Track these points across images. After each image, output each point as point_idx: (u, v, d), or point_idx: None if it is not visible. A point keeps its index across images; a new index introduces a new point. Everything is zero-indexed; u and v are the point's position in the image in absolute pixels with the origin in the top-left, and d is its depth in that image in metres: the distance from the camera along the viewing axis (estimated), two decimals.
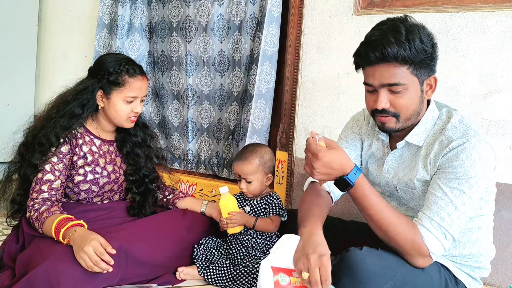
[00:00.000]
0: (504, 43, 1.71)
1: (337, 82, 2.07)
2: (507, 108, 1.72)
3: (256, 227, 1.65)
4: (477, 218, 1.24)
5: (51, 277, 1.26)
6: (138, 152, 1.74)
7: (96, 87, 1.58)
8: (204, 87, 2.46)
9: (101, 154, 1.66)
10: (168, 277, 1.57)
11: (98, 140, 1.66)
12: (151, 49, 2.65)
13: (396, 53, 1.11)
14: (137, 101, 1.62)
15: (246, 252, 1.62)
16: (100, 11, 2.66)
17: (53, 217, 1.42)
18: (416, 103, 1.19)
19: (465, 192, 1.12)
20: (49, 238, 1.41)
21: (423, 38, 1.12)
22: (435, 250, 1.13)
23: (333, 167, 1.14)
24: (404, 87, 1.15)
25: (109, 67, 1.57)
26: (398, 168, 1.31)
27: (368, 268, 1.09)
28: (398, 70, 1.14)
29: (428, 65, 1.17)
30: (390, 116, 1.20)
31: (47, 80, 3.19)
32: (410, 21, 1.15)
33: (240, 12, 2.32)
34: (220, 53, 2.40)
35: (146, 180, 1.74)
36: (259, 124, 2.24)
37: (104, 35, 2.69)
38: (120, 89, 1.58)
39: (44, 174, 1.52)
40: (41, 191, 1.51)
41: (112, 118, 1.62)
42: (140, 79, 1.61)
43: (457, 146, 1.15)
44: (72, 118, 1.57)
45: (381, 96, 1.18)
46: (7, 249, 1.52)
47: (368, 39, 1.18)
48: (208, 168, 2.51)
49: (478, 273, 1.28)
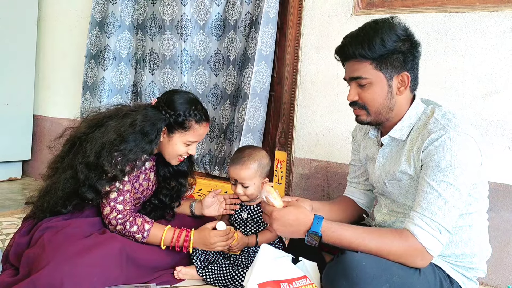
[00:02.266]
0: (503, 44, 1.71)
1: (336, 82, 2.07)
2: (506, 108, 1.72)
3: (259, 244, 1.63)
4: (466, 215, 1.23)
5: (54, 278, 1.27)
6: (182, 181, 1.78)
7: (163, 125, 1.57)
8: (199, 85, 2.46)
9: (143, 170, 1.65)
10: (167, 277, 1.57)
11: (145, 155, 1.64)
12: (140, 47, 2.65)
13: (353, 51, 1.23)
14: (194, 145, 1.64)
15: (246, 252, 1.62)
16: (93, 9, 2.66)
17: (155, 229, 1.55)
18: (383, 98, 1.26)
19: (452, 184, 1.13)
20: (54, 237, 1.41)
21: (384, 36, 1.20)
22: (431, 247, 1.13)
23: (290, 224, 1.20)
24: (368, 81, 1.25)
25: (180, 109, 1.57)
26: (385, 163, 1.35)
27: (364, 270, 1.09)
28: (360, 66, 1.24)
29: (395, 61, 1.23)
30: (360, 108, 1.30)
31: (46, 79, 3.19)
32: (386, 21, 1.23)
33: (235, 11, 2.32)
34: (216, 52, 2.40)
35: (172, 206, 1.79)
36: (254, 123, 2.25)
37: (95, 33, 2.69)
38: (184, 133, 1.59)
39: (124, 185, 1.54)
40: (125, 202, 1.54)
41: (165, 154, 1.63)
42: (205, 126, 1.63)
43: (437, 139, 1.17)
44: (141, 152, 1.54)
45: (351, 89, 1.30)
46: (16, 242, 1.51)
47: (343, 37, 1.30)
48: (201, 166, 2.51)
49: (472, 273, 1.28)
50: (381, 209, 1.43)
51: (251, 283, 1.16)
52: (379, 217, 1.43)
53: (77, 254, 1.34)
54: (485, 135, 1.75)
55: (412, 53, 1.24)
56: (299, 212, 1.21)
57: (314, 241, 1.18)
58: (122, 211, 1.52)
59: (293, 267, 1.27)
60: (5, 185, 2.95)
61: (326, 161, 2.11)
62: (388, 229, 1.22)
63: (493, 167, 1.73)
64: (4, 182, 3.05)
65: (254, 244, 1.64)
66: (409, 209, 1.30)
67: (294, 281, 1.22)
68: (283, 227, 1.21)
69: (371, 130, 1.41)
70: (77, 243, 1.39)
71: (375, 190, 1.47)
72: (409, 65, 1.25)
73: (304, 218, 1.19)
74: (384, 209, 1.41)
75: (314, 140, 2.15)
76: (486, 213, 1.31)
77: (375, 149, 1.41)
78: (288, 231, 1.21)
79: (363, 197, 1.55)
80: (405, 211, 1.32)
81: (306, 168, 2.16)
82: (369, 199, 1.56)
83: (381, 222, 1.41)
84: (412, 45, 1.24)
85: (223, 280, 1.53)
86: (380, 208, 1.44)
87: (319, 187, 2.11)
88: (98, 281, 1.34)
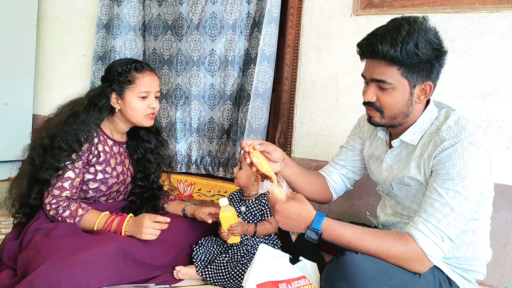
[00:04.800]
0: (503, 44, 1.71)
1: (335, 82, 2.07)
2: (505, 109, 1.72)
3: (257, 233, 1.64)
4: (471, 221, 1.23)
5: (51, 277, 1.26)
6: (150, 158, 1.78)
7: (109, 91, 1.62)
8: (193, 87, 2.44)
9: (112, 154, 1.69)
10: (166, 277, 1.56)
11: (110, 141, 1.69)
12: (145, 48, 2.65)
13: (386, 52, 1.14)
14: (151, 97, 1.65)
15: (246, 251, 1.62)
16: (99, 11, 2.67)
17: (90, 215, 1.54)
18: (402, 105, 1.21)
19: (460, 193, 1.12)
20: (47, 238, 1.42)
21: (419, 42, 1.13)
22: (432, 253, 1.12)
23: (292, 218, 1.19)
24: (392, 86, 1.18)
25: (117, 68, 1.62)
26: (393, 166, 1.33)
27: (364, 271, 1.09)
28: (387, 69, 1.17)
29: (422, 70, 1.17)
30: (375, 110, 1.25)
31: (46, 79, 3.19)
32: (419, 23, 1.16)
33: (234, 11, 2.31)
34: (211, 52, 2.38)
35: (154, 187, 1.78)
36: (256, 124, 2.24)
37: (102, 35, 2.70)
38: (132, 87, 1.61)
39: (65, 171, 1.55)
40: (63, 188, 1.54)
41: (130, 118, 1.65)
42: (149, 74, 1.65)
43: (449, 147, 1.15)
44: (90, 122, 1.60)
45: (369, 89, 1.23)
46: (7, 247, 1.52)
47: (371, 32, 1.21)
48: (201, 167, 2.51)
49: (472, 275, 1.28)
50: (385, 209, 1.42)
51: (250, 283, 1.17)
52: (383, 216, 1.42)
53: (73, 252, 1.34)
54: (484, 135, 1.75)
55: (439, 62, 1.19)
56: (301, 207, 1.20)
57: (314, 237, 1.17)
58: (57, 197, 1.53)
59: (291, 268, 1.27)
60: (4, 185, 2.94)
61: (325, 161, 2.08)
62: (389, 232, 1.22)
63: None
64: (3, 181, 3.05)
65: (252, 233, 1.63)
66: (413, 212, 1.29)
67: (292, 282, 1.22)
68: (284, 219, 1.20)
69: (380, 130, 1.38)
70: (71, 242, 1.39)
71: (378, 188, 1.47)
72: (434, 75, 1.20)
73: (306, 214, 1.19)
74: (389, 209, 1.40)
75: (313, 140, 2.15)
76: (489, 218, 1.31)
77: (383, 149, 1.39)
78: (289, 224, 1.21)
79: (338, 181, 1.54)
80: (410, 214, 1.31)
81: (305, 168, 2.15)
82: (342, 186, 1.55)
83: (384, 222, 1.41)
84: (440, 54, 1.19)
85: (223, 279, 1.54)
86: (385, 207, 1.43)
87: None
88: (95, 279, 1.34)
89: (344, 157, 1.55)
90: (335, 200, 1.58)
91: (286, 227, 1.22)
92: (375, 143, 1.44)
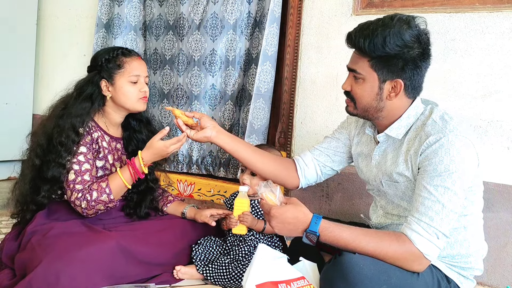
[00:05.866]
0: (503, 44, 1.71)
1: (335, 82, 2.07)
2: (505, 109, 1.72)
3: (266, 230, 1.63)
4: (461, 217, 1.23)
5: (50, 276, 1.27)
6: None
7: (98, 78, 1.61)
8: (194, 87, 2.44)
9: (110, 150, 1.68)
10: (166, 277, 1.57)
11: (108, 137, 1.68)
12: (146, 48, 2.65)
13: (357, 42, 1.21)
14: (141, 81, 1.64)
15: (247, 250, 1.62)
16: (99, 10, 2.67)
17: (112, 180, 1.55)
18: (371, 98, 1.25)
19: (450, 188, 1.12)
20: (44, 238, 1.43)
21: (388, 37, 1.16)
22: (428, 252, 1.13)
23: (289, 222, 1.19)
24: (362, 77, 1.24)
25: (104, 55, 1.62)
26: (382, 162, 1.34)
27: (362, 271, 1.09)
28: (360, 60, 1.24)
29: (391, 66, 1.20)
30: (349, 100, 1.32)
31: (46, 79, 3.19)
32: (402, 20, 1.19)
33: (235, 11, 2.30)
34: (212, 52, 2.38)
35: (148, 178, 1.75)
36: (258, 124, 2.24)
37: (102, 34, 2.69)
38: (121, 71, 1.61)
39: (81, 166, 1.55)
40: (85, 181, 1.53)
41: (124, 104, 1.63)
42: (137, 58, 1.66)
43: (434, 142, 1.16)
44: (83, 111, 1.59)
45: (347, 78, 1.31)
46: (6, 247, 1.53)
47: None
48: (202, 168, 2.50)
49: (469, 272, 1.28)
50: (377, 210, 1.43)
51: (249, 284, 1.17)
52: (375, 218, 1.43)
53: (70, 250, 1.34)
54: (484, 135, 1.75)
55: (415, 62, 1.20)
56: (297, 210, 1.20)
57: (312, 239, 1.18)
58: (82, 190, 1.52)
59: (291, 268, 1.28)
60: (4, 184, 2.95)
61: None
62: (386, 232, 1.22)
63: (492, 168, 1.73)
64: (3, 181, 3.05)
65: (261, 229, 1.63)
66: (404, 211, 1.30)
67: (292, 282, 1.22)
68: (281, 224, 1.20)
69: (367, 127, 1.40)
70: (68, 241, 1.40)
71: (369, 188, 1.47)
72: (407, 73, 1.21)
73: (303, 217, 1.19)
74: (380, 210, 1.41)
75: (313, 140, 2.15)
76: (481, 213, 1.31)
77: (371, 146, 1.41)
78: (286, 228, 1.21)
79: (310, 165, 1.53)
80: (400, 214, 1.32)
81: None
82: (313, 171, 1.53)
83: (377, 224, 1.41)
84: (420, 55, 1.20)
85: (223, 278, 1.54)
86: (376, 209, 1.44)
87: (318, 187, 2.10)
88: (94, 277, 1.34)
89: (326, 145, 1.56)
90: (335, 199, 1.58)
91: (283, 231, 1.23)
92: (363, 141, 1.46)
